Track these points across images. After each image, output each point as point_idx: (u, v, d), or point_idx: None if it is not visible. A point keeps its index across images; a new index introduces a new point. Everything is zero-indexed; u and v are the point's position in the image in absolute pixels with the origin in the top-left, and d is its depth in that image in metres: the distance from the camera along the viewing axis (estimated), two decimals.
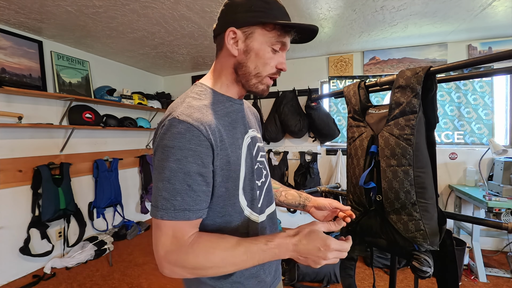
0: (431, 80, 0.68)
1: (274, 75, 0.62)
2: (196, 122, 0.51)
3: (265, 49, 0.58)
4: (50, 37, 2.40)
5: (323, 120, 2.86)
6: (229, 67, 0.61)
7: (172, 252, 0.50)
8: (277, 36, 0.58)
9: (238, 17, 0.57)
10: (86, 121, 2.57)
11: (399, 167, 0.70)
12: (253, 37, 0.58)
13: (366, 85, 0.93)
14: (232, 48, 0.58)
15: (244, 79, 0.61)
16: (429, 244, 0.71)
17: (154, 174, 0.53)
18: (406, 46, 2.76)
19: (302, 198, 0.82)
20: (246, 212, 0.62)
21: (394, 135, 0.71)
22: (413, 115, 0.68)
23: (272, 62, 0.60)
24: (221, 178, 0.56)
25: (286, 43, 0.60)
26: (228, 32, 0.58)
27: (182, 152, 0.50)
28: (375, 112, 0.84)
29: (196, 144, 0.51)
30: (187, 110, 0.53)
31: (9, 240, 2.13)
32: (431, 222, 0.70)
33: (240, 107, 0.67)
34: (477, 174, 2.49)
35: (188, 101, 0.56)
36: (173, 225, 0.50)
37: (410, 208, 0.70)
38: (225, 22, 0.59)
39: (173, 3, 1.81)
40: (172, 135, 0.50)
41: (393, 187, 0.72)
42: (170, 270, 0.50)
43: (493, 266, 2.22)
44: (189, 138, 0.50)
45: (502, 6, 1.90)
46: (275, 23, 0.57)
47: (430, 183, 0.70)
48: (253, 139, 0.67)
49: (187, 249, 0.50)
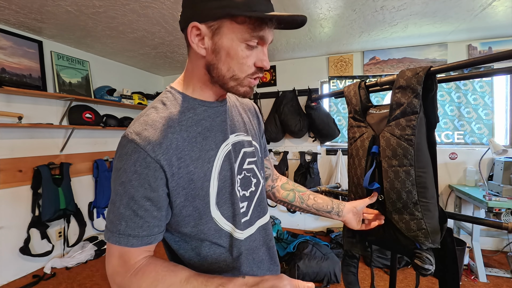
0: (431, 80, 0.69)
1: (255, 74, 0.52)
2: (143, 142, 0.46)
3: (237, 47, 0.48)
4: (50, 37, 2.40)
5: (323, 120, 2.86)
6: (200, 67, 0.52)
7: (118, 274, 0.48)
8: (251, 30, 0.47)
9: (201, 8, 0.47)
10: (86, 121, 2.57)
11: (401, 167, 0.70)
12: (221, 33, 0.47)
13: (367, 85, 0.93)
14: (198, 48, 0.49)
15: (220, 81, 0.52)
16: (430, 242, 0.71)
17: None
18: (406, 46, 2.76)
19: (335, 203, 0.76)
20: (227, 228, 0.56)
21: (395, 136, 0.71)
22: (414, 115, 0.68)
23: (248, 61, 0.50)
24: (184, 198, 0.51)
25: (265, 36, 0.49)
26: (190, 28, 0.48)
27: (127, 175, 0.46)
28: (375, 112, 0.84)
29: (142, 166, 0.46)
30: (140, 126, 0.48)
31: (9, 240, 2.13)
32: (432, 221, 0.70)
33: (219, 109, 0.58)
34: (477, 174, 2.49)
35: (146, 116, 0.50)
36: (119, 248, 0.48)
37: (412, 207, 0.71)
38: (187, 15, 0.49)
39: (173, 3, 1.81)
40: (120, 156, 0.47)
41: (395, 187, 0.73)
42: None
43: (493, 266, 2.22)
44: (134, 160, 0.46)
45: (502, 6, 1.90)
46: (245, 15, 0.45)
47: (431, 183, 0.70)
48: (236, 146, 0.60)
49: (130, 277, 0.47)
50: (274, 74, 3.28)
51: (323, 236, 2.93)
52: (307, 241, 2.29)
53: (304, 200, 0.77)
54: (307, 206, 0.77)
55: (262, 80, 3.34)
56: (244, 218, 0.60)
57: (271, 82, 3.30)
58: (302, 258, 2.10)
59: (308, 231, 3.11)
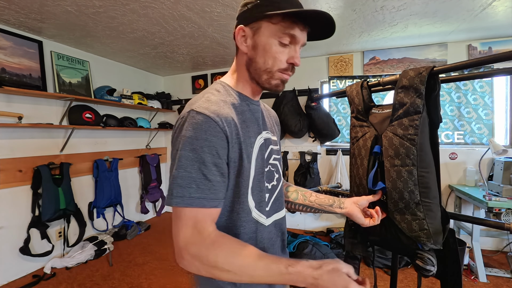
0: (434, 80, 0.68)
1: (286, 70, 0.60)
2: (212, 114, 0.53)
3: (272, 43, 0.57)
4: (50, 37, 2.39)
5: (323, 120, 2.86)
6: (242, 64, 0.63)
7: (193, 244, 0.50)
8: (284, 28, 0.56)
9: (247, 15, 0.59)
10: (86, 121, 2.56)
11: (403, 167, 0.70)
12: (260, 32, 0.58)
13: (369, 84, 0.93)
14: (241, 45, 0.60)
15: (256, 75, 0.61)
16: (432, 243, 0.70)
17: (171, 164, 0.54)
18: (406, 46, 2.76)
19: (336, 199, 0.80)
20: (254, 214, 0.61)
21: (398, 135, 0.71)
22: (417, 115, 0.68)
23: (281, 56, 0.58)
24: (234, 171, 0.57)
25: (296, 36, 0.57)
26: (237, 30, 0.60)
27: (198, 142, 0.51)
28: (378, 112, 0.84)
29: (211, 135, 0.52)
30: (205, 103, 0.55)
31: (9, 240, 2.13)
32: (434, 222, 0.70)
33: (257, 107, 0.67)
34: (477, 174, 2.49)
35: (207, 96, 0.58)
36: (193, 216, 0.50)
37: (414, 207, 0.70)
38: (237, 22, 0.62)
39: (173, 3, 1.81)
40: (190, 126, 0.52)
41: (397, 187, 0.72)
42: (189, 262, 0.50)
43: (493, 266, 2.22)
44: (205, 129, 0.52)
45: (502, 6, 1.90)
46: (276, 13, 0.55)
47: (433, 183, 0.70)
48: (266, 141, 0.67)
49: (208, 246, 0.49)
50: None
51: (323, 236, 2.93)
52: (307, 241, 2.29)
53: (306, 197, 0.82)
54: (310, 202, 0.81)
55: None
56: (266, 208, 0.65)
57: None
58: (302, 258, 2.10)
59: (308, 231, 3.11)
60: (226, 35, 2.42)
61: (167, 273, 2.26)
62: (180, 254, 0.50)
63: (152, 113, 3.68)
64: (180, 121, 0.55)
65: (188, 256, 0.50)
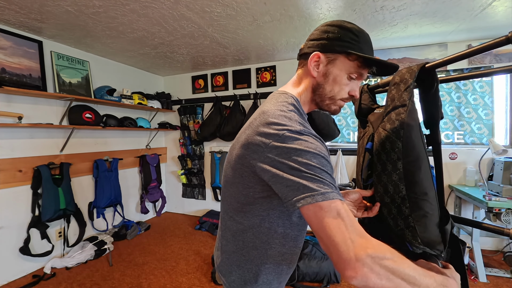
0: (432, 77, 0.68)
1: (346, 99, 0.67)
2: (311, 130, 0.57)
3: (343, 76, 0.63)
4: (50, 37, 2.39)
5: (323, 120, 2.85)
6: (309, 86, 0.68)
7: (364, 247, 0.43)
8: (357, 67, 0.63)
9: (327, 44, 0.63)
10: (86, 121, 2.56)
11: (388, 161, 0.70)
12: (334, 64, 0.63)
13: (369, 88, 0.94)
14: (313, 70, 0.65)
15: (319, 99, 0.67)
16: (420, 243, 0.67)
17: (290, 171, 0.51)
18: (406, 46, 2.76)
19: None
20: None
21: (386, 130, 0.71)
22: (402, 108, 0.67)
23: (346, 88, 0.65)
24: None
25: (364, 74, 0.65)
26: (313, 55, 0.64)
27: (321, 150, 0.54)
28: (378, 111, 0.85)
29: (323, 149, 0.55)
30: (297, 124, 0.56)
31: (9, 240, 2.13)
32: (423, 220, 0.66)
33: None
34: (477, 174, 2.49)
35: (291, 116, 0.58)
36: (348, 219, 0.47)
37: (399, 202, 0.68)
38: (313, 45, 0.65)
39: (173, 3, 1.81)
40: (304, 141, 0.53)
41: (382, 180, 0.72)
42: (370, 269, 0.42)
43: (493, 266, 2.22)
44: (319, 143, 0.55)
45: (502, 6, 1.90)
46: (360, 55, 0.61)
47: (423, 178, 0.65)
48: None
49: (380, 247, 0.45)
50: (274, 74, 3.28)
51: None
52: (307, 241, 2.29)
53: None
54: None
55: (262, 80, 3.33)
56: None
57: (271, 82, 3.30)
58: (302, 258, 2.10)
59: (308, 231, 3.10)
60: (226, 35, 2.42)
61: (167, 273, 2.26)
62: (359, 258, 0.43)
63: (152, 113, 3.69)
64: (278, 139, 0.55)
65: (368, 259, 0.43)
